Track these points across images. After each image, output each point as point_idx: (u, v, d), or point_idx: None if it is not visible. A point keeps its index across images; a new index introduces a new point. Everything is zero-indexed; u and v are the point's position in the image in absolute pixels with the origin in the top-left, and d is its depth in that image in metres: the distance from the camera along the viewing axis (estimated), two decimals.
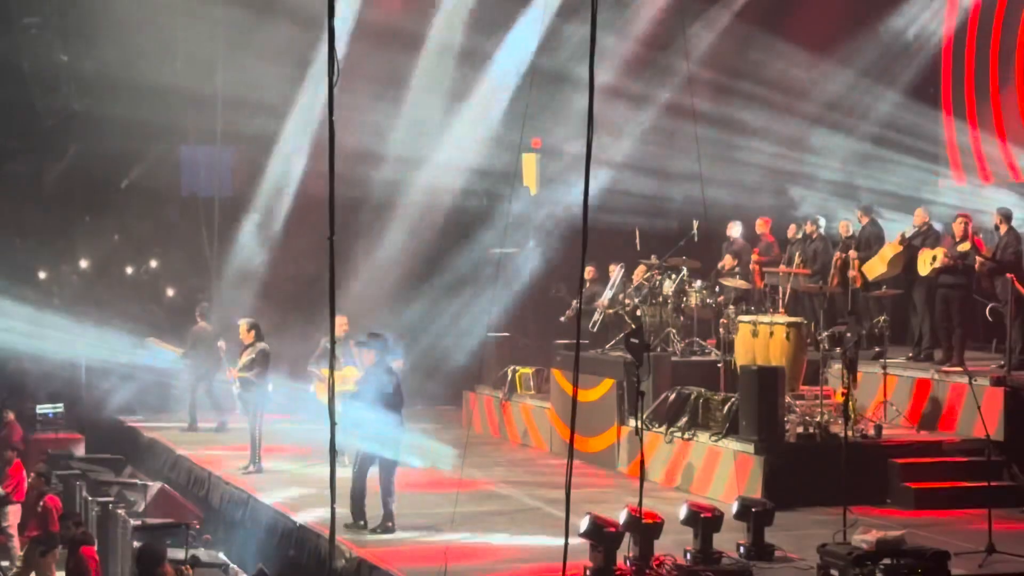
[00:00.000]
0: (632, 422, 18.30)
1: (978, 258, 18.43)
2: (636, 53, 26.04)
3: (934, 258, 19.00)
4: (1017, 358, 18.04)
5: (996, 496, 14.67)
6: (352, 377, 17.75)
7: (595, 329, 21.77)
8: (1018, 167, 23.03)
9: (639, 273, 21.67)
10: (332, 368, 8.37)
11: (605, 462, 19.67)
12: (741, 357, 18.65)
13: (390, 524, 15.25)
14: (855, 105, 25.56)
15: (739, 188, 25.65)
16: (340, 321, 18.41)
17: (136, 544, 15.50)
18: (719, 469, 17.39)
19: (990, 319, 18.94)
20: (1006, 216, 18.79)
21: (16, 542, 19.94)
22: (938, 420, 18.25)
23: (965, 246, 18.75)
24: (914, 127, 24.41)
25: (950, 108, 24.41)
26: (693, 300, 20.54)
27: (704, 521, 13.49)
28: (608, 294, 21.87)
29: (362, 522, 15.33)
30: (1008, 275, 17.94)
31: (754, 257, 22.34)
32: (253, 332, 19.56)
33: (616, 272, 22.21)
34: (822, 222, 22.38)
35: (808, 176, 25.75)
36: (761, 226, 23.10)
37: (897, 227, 21.08)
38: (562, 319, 22.94)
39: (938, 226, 20.40)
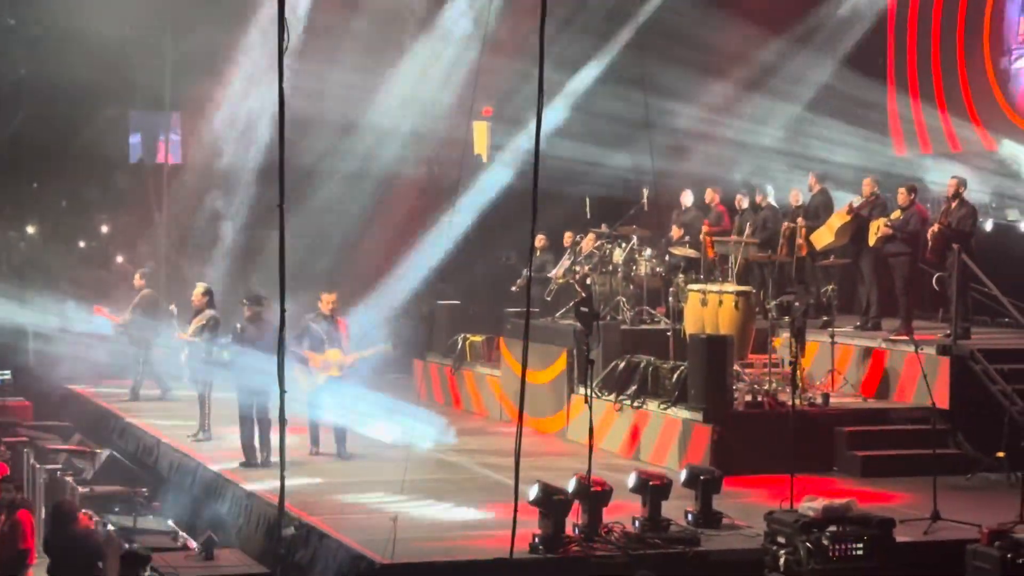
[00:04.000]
0: (582, 390, 18.36)
1: (936, 225, 18.56)
2: (584, 21, 26.07)
3: (878, 228, 19.18)
4: (962, 327, 18.20)
5: (941, 464, 14.81)
6: (335, 360, 17.75)
7: (549, 298, 21.80)
8: (957, 138, 23.28)
9: (589, 242, 21.72)
10: (282, 340, 8.35)
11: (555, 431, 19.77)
12: (690, 326, 18.74)
13: (267, 456, 17.43)
14: (801, 76, 25.61)
15: (692, 157, 25.75)
16: (328, 298, 18.16)
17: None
18: (668, 437, 17.47)
19: (936, 288, 19.10)
20: (964, 185, 18.89)
21: None
22: (885, 389, 18.42)
23: (896, 214, 19.01)
24: (858, 97, 24.55)
25: (894, 79, 24.66)
26: (643, 269, 20.61)
27: (652, 489, 13.57)
28: (566, 263, 21.90)
29: (255, 461, 17.51)
30: (955, 246, 18.08)
31: (704, 228, 22.42)
32: (206, 297, 19.45)
33: (572, 241, 22.29)
34: (771, 191, 22.47)
35: (756, 146, 25.83)
36: (711, 196, 23.17)
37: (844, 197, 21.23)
38: (513, 288, 22.92)
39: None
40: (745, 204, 22.33)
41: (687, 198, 23.29)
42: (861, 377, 18.75)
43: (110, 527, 15.25)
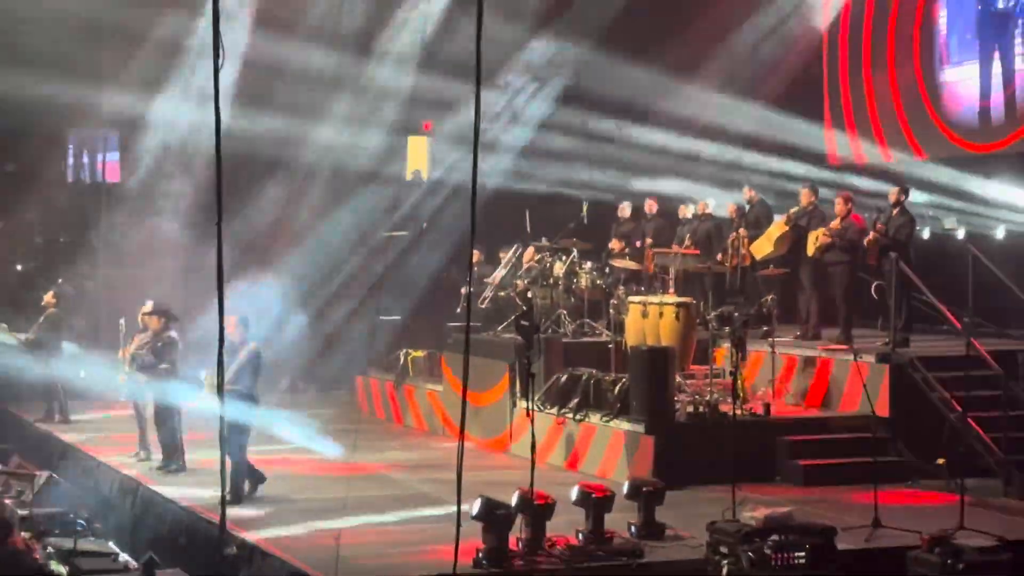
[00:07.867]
0: (523, 404, 18.36)
1: (872, 232, 18.68)
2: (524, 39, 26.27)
3: (817, 238, 19.30)
4: (901, 335, 18.32)
5: (882, 471, 14.92)
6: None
7: (483, 306, 21.74)
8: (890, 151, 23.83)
9: (529, 255, 21.75)
10: (220, 363, 8.27)
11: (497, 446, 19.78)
12: (631, 338, 18.78)
13: (176, 463, 18.16)
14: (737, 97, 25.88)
15: (629, 169, 25.86)
16: (231, 320, 16.51)
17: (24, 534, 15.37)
18: (610, 449, 17.50)
19: (875, 297, 19.23)
20: (905, 193, 19.03)
21: None
22: (826, 398, 18.50)
23: (835, 223, 19.16)
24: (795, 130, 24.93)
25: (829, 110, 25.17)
26: (584, 282, 20.65)
27: (595, 501, 13.57)
28: (501, 272, 21.91)
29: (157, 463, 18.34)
30: (893, 254, 18.20)
31: (648, 241, 22.54)
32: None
33: (509, 253, 22.28)
34: (712, 202, 22.59)
35: (695, 158, 25.97)
36: (650, 207, 23.28)
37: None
38: (458, 310, 22.72)
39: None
40: (688, 214, 22.45)
41: (626, 211, 23.42)
42: (802, 387, 18.82)
43: (50, 549, 15.10)
